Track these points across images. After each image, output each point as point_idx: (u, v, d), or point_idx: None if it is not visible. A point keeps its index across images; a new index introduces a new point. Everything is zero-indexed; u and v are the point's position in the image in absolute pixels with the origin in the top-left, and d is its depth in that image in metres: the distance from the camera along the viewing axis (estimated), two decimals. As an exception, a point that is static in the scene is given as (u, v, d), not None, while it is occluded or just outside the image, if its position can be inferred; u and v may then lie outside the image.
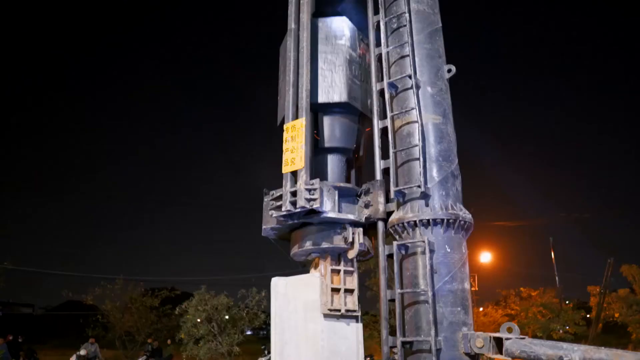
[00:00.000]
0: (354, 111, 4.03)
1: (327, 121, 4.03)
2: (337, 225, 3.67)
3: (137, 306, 23.67)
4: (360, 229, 3.66)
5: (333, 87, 3.92)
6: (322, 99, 3.90)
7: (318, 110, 3.98)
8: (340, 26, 4.09)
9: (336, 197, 3.62)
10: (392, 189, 3.46)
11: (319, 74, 3.95)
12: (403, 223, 3.35)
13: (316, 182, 3.48)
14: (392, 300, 3.36)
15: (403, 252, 3.37)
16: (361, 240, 3.63)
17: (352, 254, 3.68)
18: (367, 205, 3.65)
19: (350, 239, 3.61)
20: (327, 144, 4.00)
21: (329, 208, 3.56)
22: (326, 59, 3.99)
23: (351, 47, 4.07)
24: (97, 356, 18.62)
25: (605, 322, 27.74)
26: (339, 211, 3.63)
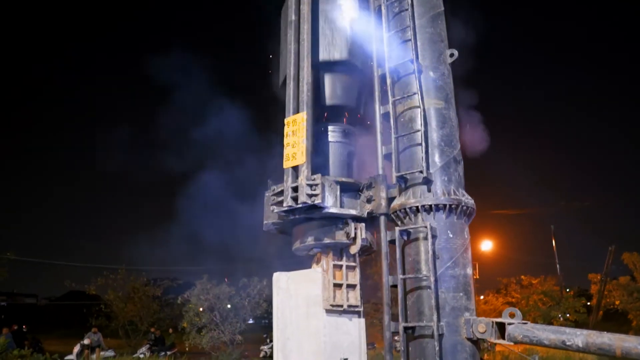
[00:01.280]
0: (355, 69, 4.02)
1: (328, 79, 4.03)
2: (339, 220, 3.64)
3: (140, 296, 23.82)
4: (363, 224, 3.62)
5: (334, 45, 3.92)
6: (322, 56, 3.91)
7: (319, 69, 3.98)
8: None
9: (338, 192, 3.59)
10: (394, 174, 3.44)
11: (320, 33, 3.94)
12: (405, 209, 3.33)
13: (318, 178, 3.44)
14: (394, 286, 3.35)
15: (405, 237, 3.35)
16: (363, 236, 3.60)
17: (354, 250, 3.65)
18: (369, 200, 3.62)
19: (352, 235, 3.59)
20: (328, 102, 4.01)
21: (331, 203, 3.53)
22: (327, 17, 3.98)
23: (352, 6, 4.06)
24: (100, 345, 18.78)
25: (605, 309, 27.86)
26: (341, 206, 3.59)
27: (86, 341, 17.85)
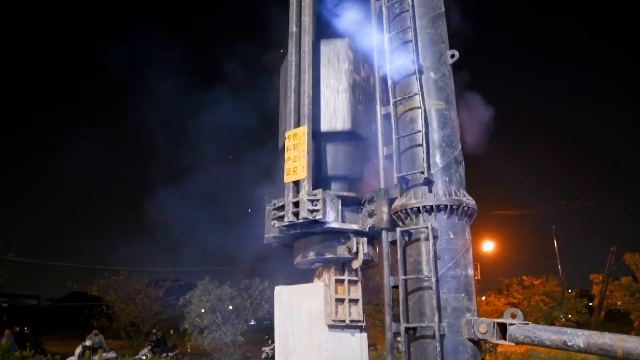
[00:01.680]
0: (358, 138, 3.88)
1: (330, 149, 3.87)
2: (341, 235, 3.62)
3: (141, 297, 23.85)
4: (365, 239, 3.60)
5: (336, 115, 3.77)
6: (324, 127, 3.75)
7: (321, 138, 3.80)
8: (342, 48, 3.93)
9: (339, 207, 3.56)
10: (395, 175, 3.44)
11: (322, 100, 3.79)
12: (406, 209, 3.33)
13: (319, 193, 3.41)
14: (396, 287, 3.35)
15: (406, 238, 3.35)
16: (365, 250, 3.58)
17: (356, 264, 3.63)
18: (370, 214, 3.59)
19: (354, 249, 3.56)
20: (330, 173, 3.84)
21: (332, 218, 3.50)
22: (328, 84, 3.83)
23: (355, 71, 3.91)
24: (102, 346, 18.84)
25: (607, 310, 27.82)
26: (343, 221, 3.56)
27: (88, 342, 17.92)
